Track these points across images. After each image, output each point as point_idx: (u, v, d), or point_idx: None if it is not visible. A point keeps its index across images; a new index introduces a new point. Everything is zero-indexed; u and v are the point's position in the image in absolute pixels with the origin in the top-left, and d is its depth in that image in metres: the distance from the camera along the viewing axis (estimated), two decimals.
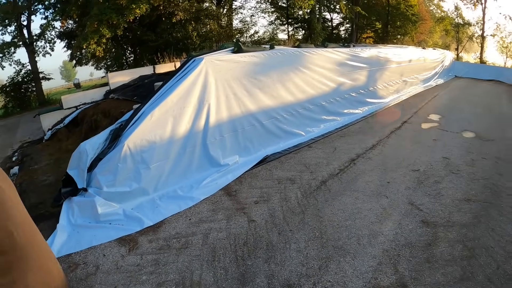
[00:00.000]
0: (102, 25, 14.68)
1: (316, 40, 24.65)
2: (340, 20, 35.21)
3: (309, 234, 3.79)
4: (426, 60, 16.08)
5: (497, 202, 4.69)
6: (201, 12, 18.88)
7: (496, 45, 35.38)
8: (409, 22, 32.19)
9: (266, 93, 5.91)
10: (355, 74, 8.93)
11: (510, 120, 10.09)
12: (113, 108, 7.64)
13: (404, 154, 6.37)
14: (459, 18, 35.89)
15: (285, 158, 5.93)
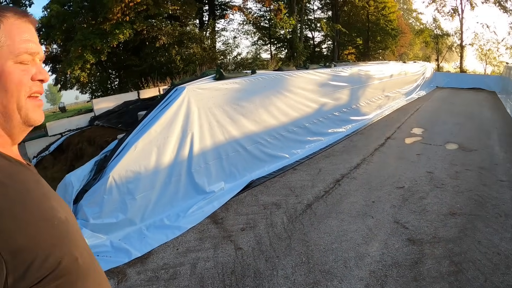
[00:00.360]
0: (86, 51, 14.75)
1: (298, 59, 24.88)
2: (322, 38, 35.68)
3: (296, 260, 3.80)
4: (407, 73, 16.32)
5: (483, 214, 4.76)
6: (184, 36, 18.97)
7: (475, 53, 36.02)
8: (389, 36, 32.76)
9: (249, 118, 5.95)
10: (337, 93, 9.03)
11: (491, 127, 10.29)
12: (98, 136, 7.62)
13: (388, 171, 6.44)
14: (437, 29, 36.53)
15: (270, 182, 5.96)
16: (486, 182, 5.88)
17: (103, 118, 9.30)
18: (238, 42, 44.35)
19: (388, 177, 6.15)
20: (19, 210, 0.80)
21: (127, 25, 15.29)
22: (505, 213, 4.76)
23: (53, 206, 0.91)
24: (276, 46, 32.79)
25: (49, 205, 0.90)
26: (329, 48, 35.40)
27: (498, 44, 34.19)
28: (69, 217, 0.95)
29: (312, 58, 31.10)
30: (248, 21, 27.85)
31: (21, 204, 0.81)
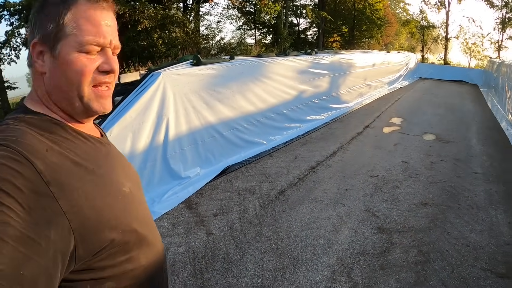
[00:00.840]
0: None
1: (282, 45, 24.74)
2: (307, 25, 35.43)
3: (266, 246, 3.82)
4: (390, 63, 16.36)
5: (455, 205, 4.83)
6: (166, 19, 18.64)
7: (460, 46, 36.26)
8: (375, 25, 32.73)
9: (226, 104, 5.91)
10: (317, 81, 9.01)
11: (471, 120, 10.42)
12: None
13: (364, 160, 6.48)
14: (424, 21, 36.61)
15: (246, 168, 5.95)
16: (461, 174, 5.95)
17: None
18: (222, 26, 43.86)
19: (363, 165, 6.19)
20: (89, 187, 0.87)
21: None
22: (477, 206, 4.84)
23: (119, 180, 1.01)
24: (261, 32, 32.61)
25: (116, 179, 1.00)
26: (314, 35, 35.26)
27: (483, 39, 34.43)
28: (133, 188, 1.06)
29: (297, 44, 30.94)
30: (232, 5, 27.57)
31: (91, 182, 0.89)
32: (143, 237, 1.04)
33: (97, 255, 0.88)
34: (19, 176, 0.74)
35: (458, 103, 13.59)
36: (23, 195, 0.72)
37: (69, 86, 0.92)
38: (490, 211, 4.71)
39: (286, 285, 3.28)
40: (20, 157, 0.76)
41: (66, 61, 0.90)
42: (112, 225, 0.91)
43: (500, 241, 4.04)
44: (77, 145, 0.93)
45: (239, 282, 3.31)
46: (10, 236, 0.68)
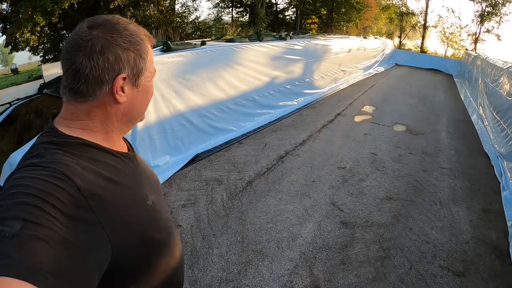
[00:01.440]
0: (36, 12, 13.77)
1: (259, 25, 24.52)
2: (285, 6, 35.16)
3: (231, 239, 3.83)
4: (366, 49, 16.39)
5: (418, 200, 4.90)
6: None
7: (438, 35, 36.57)
8: (353, 9, 32.66)
9: (196, 92, 5.81)
10: (290, 66, 8.95)
11: (442, 111, 10.52)
12: (46, 106, 7.27)
13: (333, 150, 6.49)
14: (403, 7, 36.77)
15: (215, 156, 5.90)
16: (427, 168, 6.02)
17: (53, 86, 8.86)
18: (197, 5, 43.19)
19: (332, 156, 6.21)
20: (120, 201, 0.98)
21: None
22: (441, 202, 4.92)
23: (144, 194, 1.11)
24: (238, 11, 32.25)
25: (142, 193, 1.11)
26: (292, 16, 35.03)
27: (461, 30, 34.80)
28: (155, 199, 1.16)
29: (274, 25, 30.71)
30: None
31: (121, 197, 0.99)
32: (163, 245, 1.17)
33: (123, 263, 0.98)
34: (61, 191, 0.82)
35: (431, 93, 13.71)
36: (65, 207, 0.81)
37: (145, 106, 1.13)
38: (452, 208, 4.79)
39: (250, 278, 3.31)
40: (62, 176, 0.85)
41: (146, 88, 1.09)
42: (138, 236, 1.03)
43: (460, 239, 4.12)
44: (107, 163, 1.02)
45: (205, 276, 3.31)
46: (55, 240, 0.75)
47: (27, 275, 0.67)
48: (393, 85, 14.44)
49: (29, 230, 0.73)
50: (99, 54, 0.95)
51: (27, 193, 0.79)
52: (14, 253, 0.69)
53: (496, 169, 6.21)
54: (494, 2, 31.18)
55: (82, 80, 0.95)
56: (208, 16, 30.85)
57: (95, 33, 0.96)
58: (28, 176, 0.84)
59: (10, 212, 0.76)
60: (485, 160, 6.72)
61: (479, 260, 3.79)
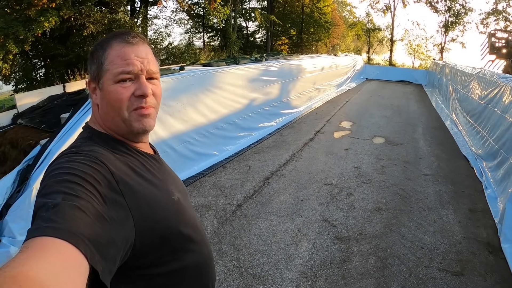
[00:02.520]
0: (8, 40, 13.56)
1: (231, 49, 24.69)
2: (256, 28, 35.51)
3: (228, 265, 3.75)
4: (338, 66, 16.67)
5: (407, 208, 4.95)
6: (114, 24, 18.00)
7: (404, 48, 37.38)
8: (322, 28, 33.28)
9: (177, 118, 5.79)
10: (267, 88, 9.01)
11: (417, 120, 10.75)
12: (21, 138, 7.12)
13: (317, 167, 6.51)
14: (370, 23, 37.50)
15: (200, 182, 5.83)
16: (411, 176, 6.11)
17: (27, 116, 8.71)
18: (170, 31, 43.46)
19: (317, 173, 6.22)
20: (146, 192, 1.06)
21: (53, 12, 14.20)
22: (428, 207, 5.00)
23: (170, 189, 1.19)
24: (209, 35, 32.43)
25: (167, 188, 1.18)
26: (263, 38, 35.42)
27: (426, 41, 35.69)
28: (181, 197, 1.24)
29: (246, 48, 30.98)
30: (181, 8, 27.27)
31: (148, 189, 1.07)
32: (189, 240, 1.19)
33: (148, 251, 1.03)
34: (98, 173, 0.93)
35: (404, 104, 14.01)
36: (101, 187, 0.91)
37: (113, 112, 1.12)
38: (440, 212, 4.88)
39: None
40: (98, 161, 0.97)
41: (107, 92, 1.11)
42: (163, 226, 1.08)
43: (453, 240, 4.20)
44: (135, 158, 1.14)
45: None
46: (92, 213, 0.82)
47: (67, 236, 0.73)
48: (367, 99, 14.69)
49: (69, 200, 0.81)
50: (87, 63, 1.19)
51: (68, 173, 0.89)
52: (55, 218, 0.76)
53: (476, 170, 6.41)
54: (457, 12, 32.14)
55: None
56: (180, 42, 30.86)
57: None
58: (69, 161, 0.95)
59: (53, 187, 0.85)
60: (465, 163, 6.91)
61: (474, 258, 3.86)
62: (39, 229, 0.74)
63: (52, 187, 0.85)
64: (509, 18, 30.22)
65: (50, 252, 0.69)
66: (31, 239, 0.72)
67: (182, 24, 30.81)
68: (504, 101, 6.60)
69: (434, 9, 33.04)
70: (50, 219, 0.76)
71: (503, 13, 30.43)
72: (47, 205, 0.79)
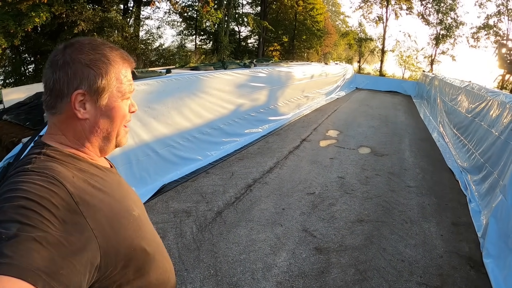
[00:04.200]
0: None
1: (223, 53, 24.74)
2: (248, 33, 35.70)
3: (204, 273, 3.68)
4: (328, 74, 16.72)
5: (389, 220, 4.93)
6: (105, 23, 17.93)
7: (395, 59, 37.66)
8: (314, 36, 33.54)
9: (161, 121, 5.72)
10: (255, 94, 8.99)
11: (404, 131, 10.79)
12: (5, 134, 7.00)
13: (300, 176, 6.46)
14: (362, 33, 37.75)
15: (182, 187, 5.75)
16: (395, 188, 6.10)
17: (13, 112, 8.59)
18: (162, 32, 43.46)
19: (300, 182, 6.17)
20: (108, 209, 1.01)
21: (44, 8, 14.07)
22: (411, 220, 4.99)
23: (130, 205, 1.15)
24: (201, 38, 32.46)
25: (127, 204, 1.14)
26: (254, 44, 35.56)
27: (417, 53, 36.01)
28: (141, 213, 1.21)
29: (237, 52, 31.07)
30: (175, 10, 27.25)
31: (109, 205, 1.03)
32: (152, 256, 1.17)
33: (113, 271, 0.99)
34: (55, 195, 0.87)
35: (392, 114, 14.08)
36: (58, 211, 0.86)
37: (113, 127, 1.13)
38: (423, 225, 4.87)
39: None
40: (54, 181, 0.91)
41: (112, 108, 1.10)
42: (127, 244, 1.05)
43: (434, 254, 4.19)
44: (94, 174, 1.08)
45: None
46: (50, 243, 0.79)
47: (23, 273, 0.71)
48: (355, 109, 14.73)
49: (25, 232, 0.77)
50: (60, 68, 1.03)
51: (22, 197, 0.84)
52: (10, 253, 0.73)
53: (460, 183, 6.44)
54: (448, 25, 32.51)
55: (47, 92, 1.05)
56: (171, 44, 30.85)
57: (66, 51, 1.05)
58: (23, 181, 0.89)
59: (7, 214, 0.80)
60: (449, 176, 6.94)
61: (455, 273, 3.86)
62: None
63: (6, 214, 0.80)
64: (499, 33, 30.59)
65: None
66: None
67: (174, 26, 30.83)
68: (491, 115, 6.65)
69: (426, 21, 33.47)
70: (4, 254, 0.72)
71: (494, 27, 30.84)
72: (1, 236, 0.75)
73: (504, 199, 4.38)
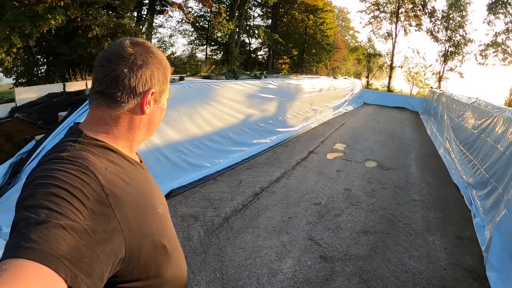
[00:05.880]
0: (14, 33, 13.55)
1: (233, 64, 24.87)
2: (259, 45, 35.93)
3: (210, 276, 3.74)
4: (336, 88, 16.78)
5: (394, 232, 4.95)
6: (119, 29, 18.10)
7: (404, 75, 37.66)
8: (324, 50, 33.67)
9: (172, 127, 5.83)
10: (265, 105, 9.09)
11: (410, 147, 10.78)
12: (17, 131, 7.11)
13: (307, 186, 6.52)
14: (371, 49, 37.80)
15: (190, 192, 5.83)
16: (400, 201, 6.13)
17: (25, 111, 8.70)
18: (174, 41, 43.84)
19: (307, 192, 6.23)
20: (135, 204, 1.04)
21: (60, 11, 14.23)
22: (415, 232, 5.01)
23: (155, 202, 1.18)
24: (212, 48, 32.67)
25: (153, 201, 1.17)
26: (264, 56, 35.73)
27: (425, 69, 36.02)
28: (164, 211, 1.24)
29: (247, 64, 31.28)
30: (187, 20, 27.52)
31: (136, 200, 1.06)
32: (170, 253, 1.21)
33: (135, 265, 1.02)
34: (87, 186, 0.90)
35: (399, 129, 14.09)
36: (88, 201, 0.88)
37: (156, 124, 1.25)
38: (427, 237, 4.90)
39: None
40: (88, 171, 0.93)
41: (161, 108, 1.24)
42: (149, 239, 1.08)
43: (437, 266, 4.21)
44: (125, 167, 1.10)
45: None
46: (76, 231, 0.81)
47: (47, 259, 0.72)
48: (363, 123, 14.76)
49: (53, 218, 0.79)
50: (139, 67, 1.09)
51: (55, 185, 0.86)
52: (36, 238, 0.74)
53: (465, 198, 6.46)
54: (457, 42, 32.55)
55: (119, 87, 1.07)
56: (183, 53, 31.09)
57: (137, 50, 1.10)
58: (57, 169, 0.91)
59: (38, 200, 0.82)
60: (455, 191, 6.96)
61: (458, 285, 3.89)
62: (18, 248, 0.73)
63: (36, 199, 0.82)
64: (508, 50, 30.59)
65: (28, 278, 0.68)
66: (9, 259, 0.70)
67: (186, 35, 31.07)
68: (496, 131, 6.69)
69: (435, 38, 33.54)
70: (31, 238, 0.74)
71: (502, 45, 30.83)
72: (29, 221, 0.77)
73: (508, 213, 4.40)
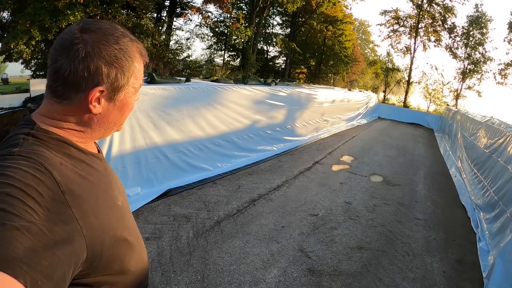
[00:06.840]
0: (34, 26, 13.81)
1: (249, 70, 24.94)
2: (276, 54, 36.04)
3: (191, 277, 3.67)
4: (350, 101, 16.71)
5: (390, 251, 4.79)
6: (137, 28, 18.27)
7: (421, 91, 37.44)
8: (341, 62, 33.62)
9: (174, 127, 5.81)
10: (273, 112, 9.03)
11: (420, 163, 10.62)
12: None
13: (307, 197, 6.41)
14: (390, 63, 37.70)
15: (187, 193, 5.78)
16: (402, 219, 5.97)
17: (38, 102, 8.82)
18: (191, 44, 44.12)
19: (305, 202, 6.12)
20: (93, 199, 1.00)
21: (80, 7, 14.46)
22: (414, 252, 4.83)
23: (115, 195, 1.14)
24: (230, 54, 32.83)
25: (112, 194, 1.13)
26: (281, 64, 35.81)
27: (443, 86, 35.78)
28: (124, 202, 1.20)
29: (263, 71, 31.36)
30: (205, 24, 27.69)
31: (94, 195, 1.01)
32: (132, 246, 1.17)
33: (98, 262, 0.99)
34: (41, 183, 0.85)
35: (411, 145, 13.95)
36: (43, 200, 0.84)
37: (121, 120, 1.15)
38: (426, 259, 4.71)
39: None
40: (42, 168, 0.88)
41: (125, 103, 1.11)
42: (110, 234, 1.04)
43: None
44: (81, 161, 1.05)
45: None
46: (32, 233, 0.77)
47: (2, 265, 0.69)
48: (374, 137, 14.63)
49: (8, 220, 0.75)
50: (81, 60, 0.95)
51: (7, 183, 0.81)
52: None
53: (472, 220, 6.22)
54: (476, 60, 32.29)
55: (60, 81, 0.97)
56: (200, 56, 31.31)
57: (85, 38, 0.97)
58: (9, 166, 0.86)
59: None
60: (462, 212, 6.74)
61: None
62: None
63: None
64: None
65: None
66: None
67: (204, 40, 31.27)
68: (508, 151, 6.50)
69: (454, 55, 33.35)
70: None
71: None
72: None
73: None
